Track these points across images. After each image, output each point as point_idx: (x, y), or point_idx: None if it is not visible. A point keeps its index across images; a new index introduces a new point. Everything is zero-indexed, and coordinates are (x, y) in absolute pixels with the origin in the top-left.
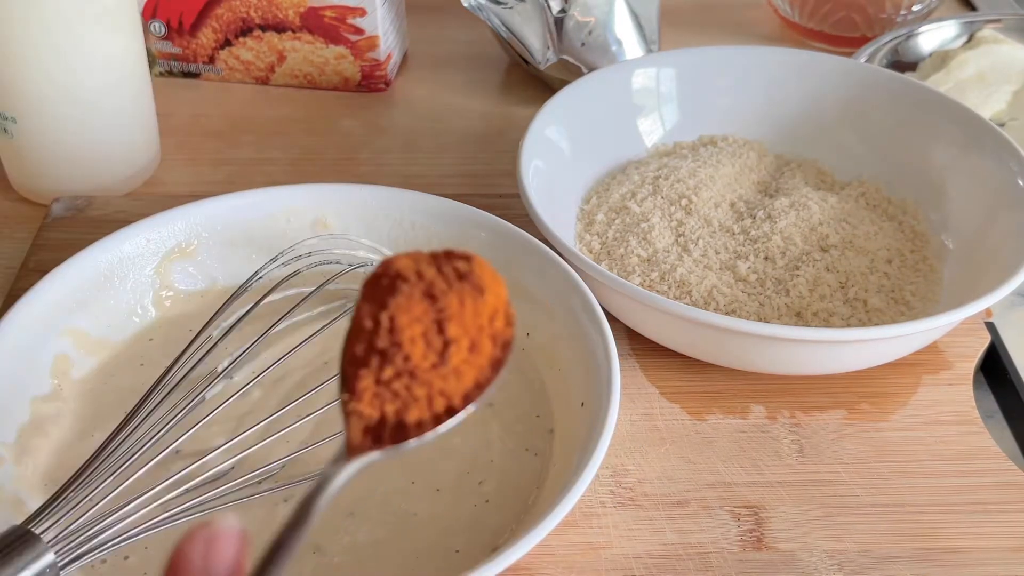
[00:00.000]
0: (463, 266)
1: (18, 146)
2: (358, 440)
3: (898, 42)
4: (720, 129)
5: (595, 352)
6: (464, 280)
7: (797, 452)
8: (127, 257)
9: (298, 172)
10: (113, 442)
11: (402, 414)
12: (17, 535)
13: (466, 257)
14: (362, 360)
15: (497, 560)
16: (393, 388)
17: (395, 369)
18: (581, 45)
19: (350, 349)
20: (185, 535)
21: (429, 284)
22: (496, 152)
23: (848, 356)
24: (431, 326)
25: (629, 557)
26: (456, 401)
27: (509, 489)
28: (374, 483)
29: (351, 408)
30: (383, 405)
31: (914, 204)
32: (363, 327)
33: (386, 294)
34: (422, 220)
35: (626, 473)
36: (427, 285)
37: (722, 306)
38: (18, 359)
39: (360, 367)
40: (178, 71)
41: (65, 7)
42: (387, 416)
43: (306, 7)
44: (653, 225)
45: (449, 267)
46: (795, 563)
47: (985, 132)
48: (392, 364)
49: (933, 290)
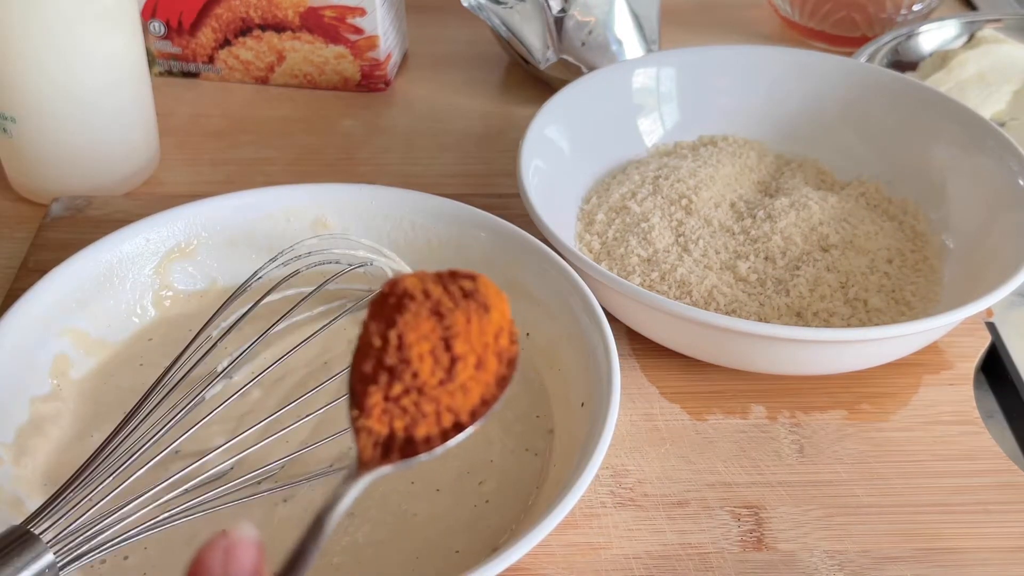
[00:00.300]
0: (468, 285)
1: (18, 146)
2: (369, 455)
3: (898, 42)
4: (720, 129)
5: (595, 352)
6: (470, 298)
7: (797, 452)
8: (127, 257)
9: (298, 172)
10: (112, 442)
11: (411, 429)
12: (16, 535)
13: (471, 276)
14: (371, 377)
15: (497, 560)
16: (402, 404)
17: (404, 386)
18: (581, 45)
19: (358, 367)
20: (204, 544)
21: (436, 302)
22: (496, 152)
23: (848, 356)
24: (439, 343)
25: (629, 557)
26: (463, 417)
27: (509, 489)
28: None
29: (361, 424)
30: (392, 421)
31: (914, 204)
32: (371, 345)
33: (393, 312)
34: (422, 220)
35: (626, 473)
36: (434, 303)
37: (722, 306)
38: (17, 359)
39: (369, 384)
40: (178, 71)
41: (65, 7)
42: (396, 431)
43: (306, 7)
44: (653, 225)
45: (455, 286)
46: (795, 563)
47: (985, 132)
48: (401, 381)
49: (933, 290)
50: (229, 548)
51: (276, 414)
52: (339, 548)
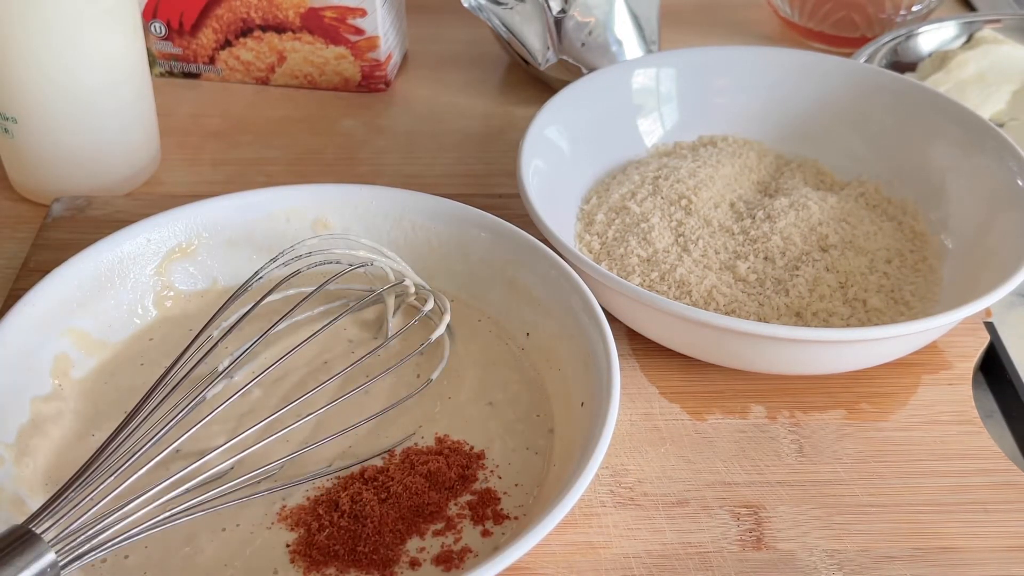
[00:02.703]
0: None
1: (18, 146)
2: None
3: (898, 42)
4: (720, 129)
5: (595, 352)
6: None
7: (797, 452)
8: (127, 257)
9: (298, 172)
10: (113, 442)
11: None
12: (18, 535)
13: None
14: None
15: (497, 560)
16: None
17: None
18: (581, 45)
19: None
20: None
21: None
22: (496, 152)
23: (848, 356)
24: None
25: (629, 557)
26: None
27: (509, 488)
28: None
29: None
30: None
31: (914, 204)
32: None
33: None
34: (422, 220)
35: (626, 473)
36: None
37: (722, 306)
38: (18, 359)
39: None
40: (178, 71)
41: (66, 7)
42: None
43: (306, 7)
44: (653, 225)
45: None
46: (795, 563)
47: (985, 132)
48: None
49: (932, 290)
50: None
51: (276, 414)
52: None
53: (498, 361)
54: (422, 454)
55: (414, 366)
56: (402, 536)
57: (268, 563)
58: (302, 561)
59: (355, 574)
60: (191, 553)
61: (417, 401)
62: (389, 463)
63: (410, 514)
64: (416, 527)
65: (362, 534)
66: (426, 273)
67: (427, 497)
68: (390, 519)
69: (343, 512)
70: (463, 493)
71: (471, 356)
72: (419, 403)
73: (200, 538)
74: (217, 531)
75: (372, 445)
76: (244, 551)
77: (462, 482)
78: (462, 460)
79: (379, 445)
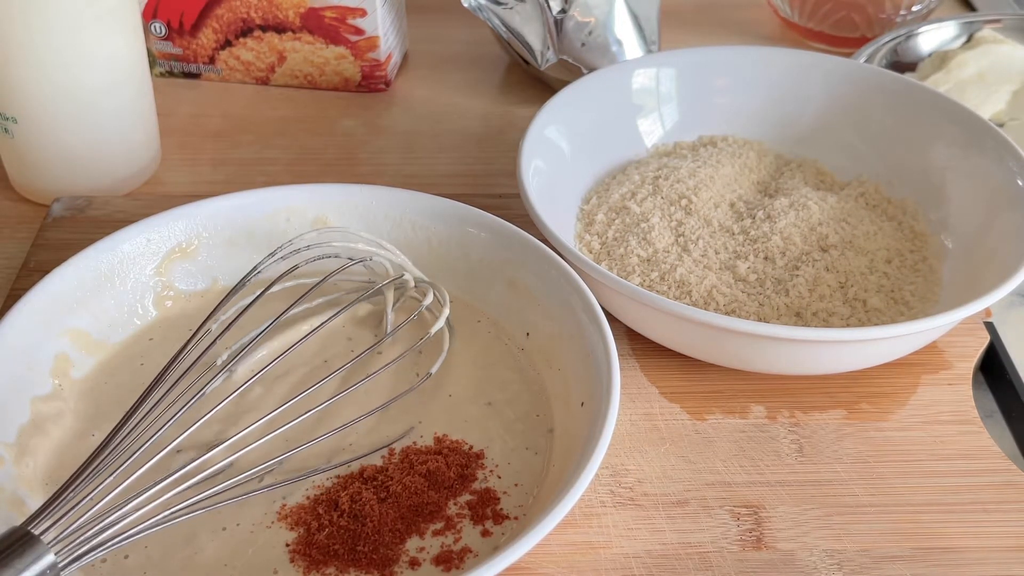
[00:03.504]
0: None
1: (18, 146)
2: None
3: (898, 42)
4: (720, 129)
5: (595, 352)
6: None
7: (797, 452)
8: (127, 257)
9: (298, 172)
10: (113, 440)
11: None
12: (17, 537)
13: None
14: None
15: (497, 560)
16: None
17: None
18: (581, 45)
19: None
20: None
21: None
22: (496, 152)
23: (848, 356)
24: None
25: (629, 556)
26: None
27: (509, 488)
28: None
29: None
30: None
31: (914, 204)
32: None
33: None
34: (422, 220)
35: (626, 473)
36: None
37: (722, 306)
38: (18, 359)
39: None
40: (178, 71)
41: (66, 7)
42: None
43: (306, 7)
44: (653, 225)
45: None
46: (794, 563)
47: (985, 132)
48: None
49: (932, 290)
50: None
51: (276, 411)
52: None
53: (498, 361)
54: (421, 454)
55: (414, 364)
56: (402, 536)
57: (268, 562)
58: (302, 560)
59: (355, 574)
60: (191, 553)
61: (416, 400)
62: (388, 463)
63: (410, 514)
64: (416, 527)
65: (362, 534)
66: (426, 273)
67: (426, 497)
68: (390, 519)
69: (343, 512)
70: (462, 493)
71: (471, 356)
72: (419, 402)
73: (200, 538)
74: (217, 531)
75: (372, 442)
76: (244, 551)
77: (461, 482)
78: (461, 460)
79: (379, 442)
